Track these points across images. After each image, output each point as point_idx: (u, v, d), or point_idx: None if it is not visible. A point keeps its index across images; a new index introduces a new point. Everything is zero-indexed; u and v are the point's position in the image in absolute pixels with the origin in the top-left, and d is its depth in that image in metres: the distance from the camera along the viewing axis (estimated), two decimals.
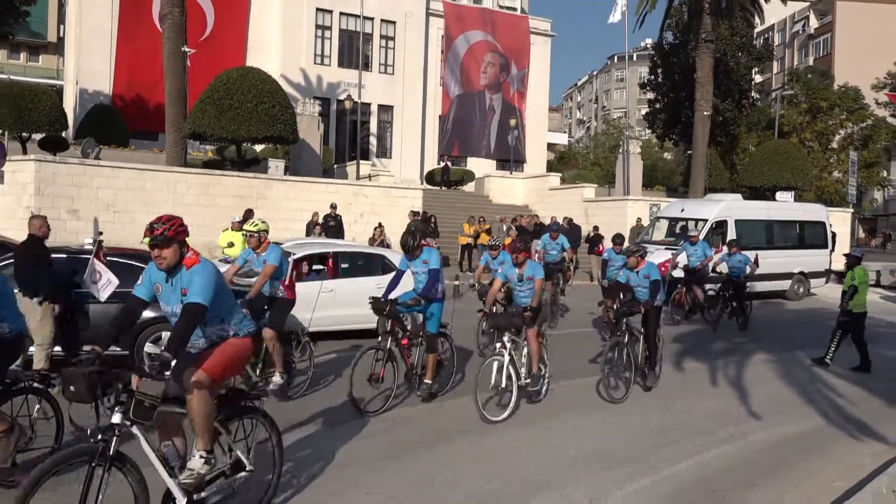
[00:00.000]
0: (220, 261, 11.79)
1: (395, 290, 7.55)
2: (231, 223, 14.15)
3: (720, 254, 14.67)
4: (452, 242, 22.02)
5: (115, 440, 3.79)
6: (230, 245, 13.43)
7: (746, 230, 17.95)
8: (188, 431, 4.29)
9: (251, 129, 20.08)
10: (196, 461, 4.16)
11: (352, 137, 33.66)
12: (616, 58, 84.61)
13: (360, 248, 12.69)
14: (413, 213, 20.40)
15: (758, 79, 51.65)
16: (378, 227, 18.88)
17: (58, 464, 3.68)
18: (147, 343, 7.97)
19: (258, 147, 27.67)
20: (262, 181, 19.98)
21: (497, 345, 7.32)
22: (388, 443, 6.30)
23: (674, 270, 14.43)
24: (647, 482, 5.70)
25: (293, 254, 10.48)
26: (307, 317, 9.48)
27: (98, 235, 8.44)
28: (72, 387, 3.76)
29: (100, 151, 21.14)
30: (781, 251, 18.68)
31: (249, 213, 14.96)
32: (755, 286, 15.72)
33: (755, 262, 14.07)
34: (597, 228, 22.09)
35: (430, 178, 35.04)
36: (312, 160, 24.83)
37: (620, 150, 34.51)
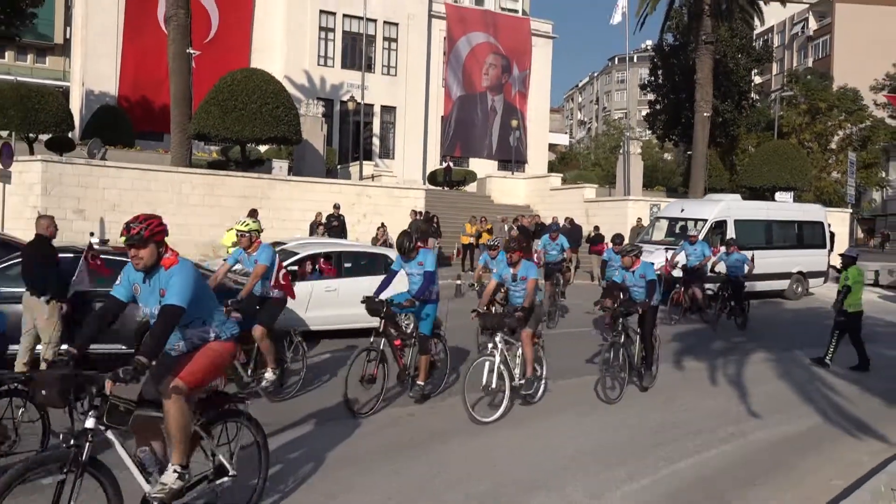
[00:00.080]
0: (224, 260, 11.89)
1: (388, 291, 7.49)
2: (235, 223, 14.22)
3: (718, 253, 14.77)
4: (454, 242, 22.23)
5: (89, 446, 3.64)
6: (234, 245, 13.50)
7: (746, 230, 18.03)
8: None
9: (255, 130, 20.21)
10: (169, 475, 3.96)
11: (355, 138, 33.82)
12: (616, 59, 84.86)
13: (364, 248, 12.79)
14: (414, 213, 20.54)
15: (757, 80, 51.68)
16: (381, 227, 19.05)
17: (28, 470, 3.51)
18: None
19: (262, 148, 27.87)
20: (266, 181, 20.06)
21: (489, 345, 7.23)
22: (383, 443, 6.25)
23: (673, 270, 14.52)
24: (647, 481, 5.70)
25: (296, 254, 10.64)
26: (307, 316, 9.61)
27: (91, 237, 8.47)
28: (43, 391, 3.57)
29: (106, 152, 21.29)
30: (780, 251, 18.78)
31: (254, 213, 15.08)
32: (754, 286, 15.80)
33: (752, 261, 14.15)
34: (598, 228, 22.19)
35: (433, 179, 35.15)
36: (316, 161, 24.96)
37: (621, 151, 34.61)
